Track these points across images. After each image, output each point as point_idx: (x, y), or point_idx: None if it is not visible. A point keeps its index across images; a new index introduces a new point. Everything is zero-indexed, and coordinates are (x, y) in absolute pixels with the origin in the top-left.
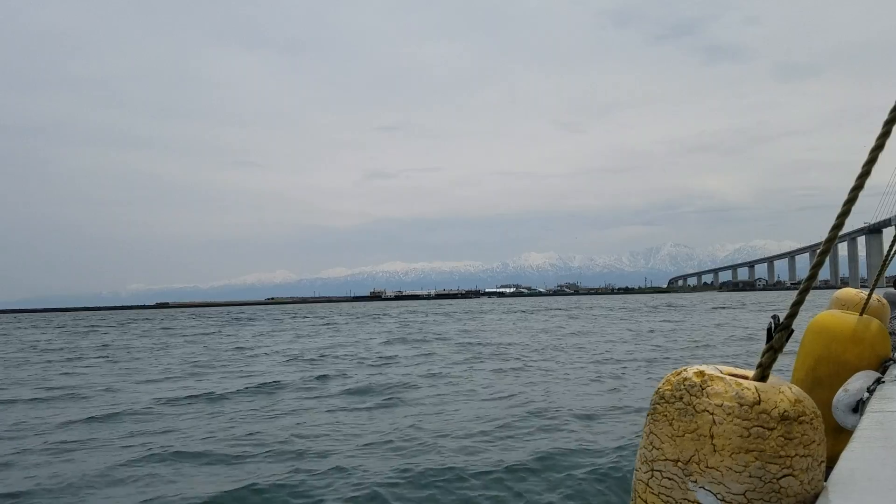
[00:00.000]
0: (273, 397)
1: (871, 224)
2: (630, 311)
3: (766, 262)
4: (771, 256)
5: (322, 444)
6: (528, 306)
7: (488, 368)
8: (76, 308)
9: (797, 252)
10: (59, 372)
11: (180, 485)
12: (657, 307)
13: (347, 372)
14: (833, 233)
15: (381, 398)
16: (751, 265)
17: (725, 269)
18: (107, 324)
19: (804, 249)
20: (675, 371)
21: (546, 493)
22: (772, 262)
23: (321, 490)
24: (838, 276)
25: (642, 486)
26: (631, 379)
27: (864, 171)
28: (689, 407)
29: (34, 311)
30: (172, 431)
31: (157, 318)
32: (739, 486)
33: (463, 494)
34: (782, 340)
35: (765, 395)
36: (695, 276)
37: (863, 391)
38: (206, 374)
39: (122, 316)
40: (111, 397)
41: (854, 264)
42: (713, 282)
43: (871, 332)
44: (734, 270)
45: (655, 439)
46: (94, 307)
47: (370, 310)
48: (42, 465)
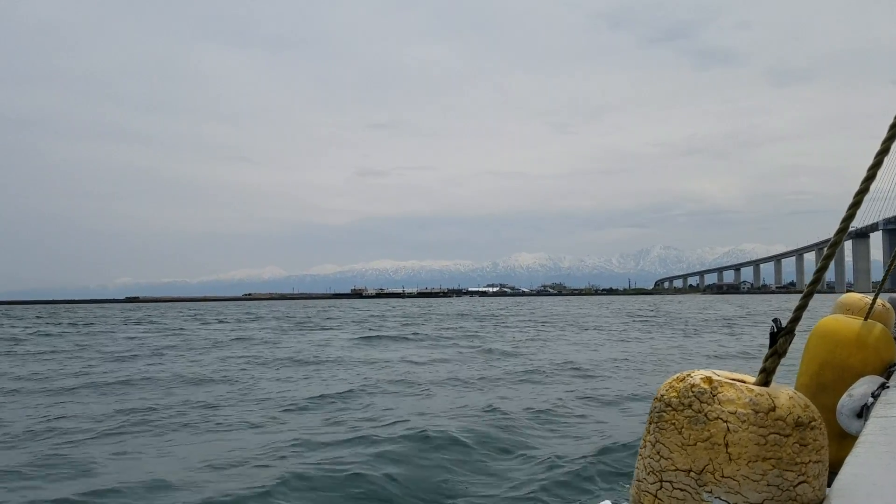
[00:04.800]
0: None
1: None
2: (596, 318)
3: (752, 266)
4: (757, 260)
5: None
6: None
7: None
8: (45, 301)
9: (783, 255)
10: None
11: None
12: (634, 314)
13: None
14: (838, 237)
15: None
16: (737, 268)
17: (711, 272)
18: (41, 318)
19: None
20: (676, 377)
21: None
22: (758, 265)
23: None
24: (824, 280)
25: (650, 498)
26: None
27: (870, 174)
28: (699, 414)
29: (13, 302)
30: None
31: (93, 313)
32: (757, 494)
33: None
34: (786, 345)
35: (777, 401)
36: (681, 279)
37: (867, 396)
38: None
39: (85, 311)
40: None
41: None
42: (699, 284)
43: (875, 337)
44: (720, 273)
45: (663, 448)
46: (61, 300)
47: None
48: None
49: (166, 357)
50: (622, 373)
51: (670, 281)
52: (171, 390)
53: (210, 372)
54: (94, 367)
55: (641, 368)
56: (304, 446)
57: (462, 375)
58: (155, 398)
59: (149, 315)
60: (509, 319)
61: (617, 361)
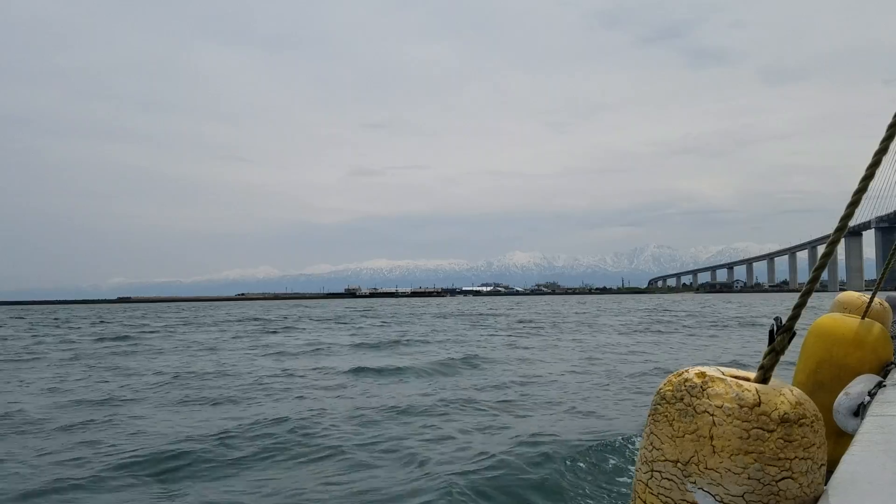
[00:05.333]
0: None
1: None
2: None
3: (745, 264)
4: (750, 258)
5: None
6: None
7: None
8: (34, 301)
9: (776, 254)
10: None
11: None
12: (630, 313)
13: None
14: (837, 235)
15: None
16: (730, 267)
17: (704, 271)
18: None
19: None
20: (676, 372)
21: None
22: (751, 263)
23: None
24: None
25: (642, 487)
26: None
27: (868, 173)
28: (689, 408)
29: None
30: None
31: (64, 313)
32: (738, 487)
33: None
34: (784, 343)
35: (765, 396)
36: (674, 277)
37: (864, 395)
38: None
39: (68, 311)
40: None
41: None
42: (692, 283)
43: (873, 336)
44: (713, 272)
45: (656, 440)
46: (52, 301)
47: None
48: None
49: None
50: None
51: (664, 280)
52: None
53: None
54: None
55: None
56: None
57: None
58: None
59: (127, 315)
60: (487, 320)
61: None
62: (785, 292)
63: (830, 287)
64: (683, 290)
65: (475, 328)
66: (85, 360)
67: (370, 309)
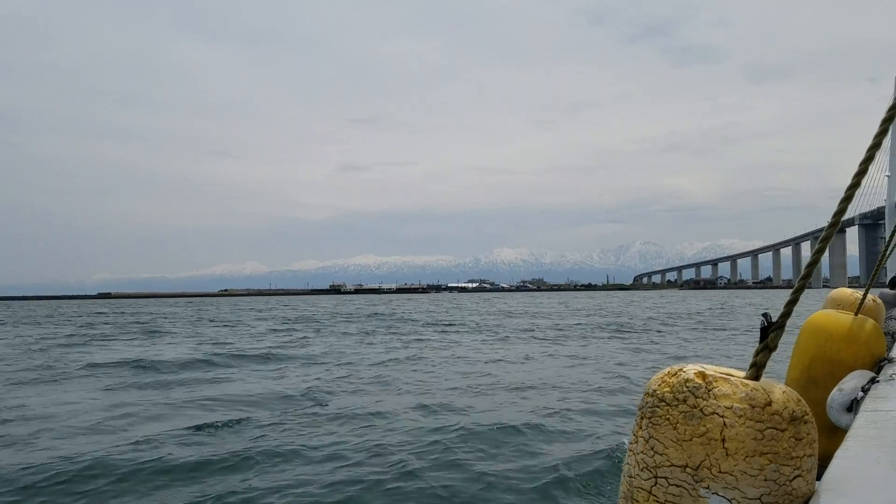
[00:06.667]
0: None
1: None
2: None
3: (729, 261)
4: (734, 255)
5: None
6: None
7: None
8: (12, 297)
9: (760, 251)
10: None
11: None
12: (596, 314)
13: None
14: (829, 231)
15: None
16: (714, 263)
17: (689, 267)
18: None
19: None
20: (668, 371)
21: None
22: (735, 260)
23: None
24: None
25: (644, 495)
26: None
27: (861, 169)
28: (695, 410)
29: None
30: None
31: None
32: (755, 490)
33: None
34: (777, 339)
35: (773, 395)
36: (659, 274)
37: (857, 390)
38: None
39: (47, 307)
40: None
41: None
42: (677, 279)
43: (865, 332)
44: (697, 269)
45: (657, 444)
46: (32, 296)
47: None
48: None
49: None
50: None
51: (649, 276)
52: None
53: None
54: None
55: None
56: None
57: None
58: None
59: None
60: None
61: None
62: (769, 289)
63: (814, 284)
64: (668, 286)
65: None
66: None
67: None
